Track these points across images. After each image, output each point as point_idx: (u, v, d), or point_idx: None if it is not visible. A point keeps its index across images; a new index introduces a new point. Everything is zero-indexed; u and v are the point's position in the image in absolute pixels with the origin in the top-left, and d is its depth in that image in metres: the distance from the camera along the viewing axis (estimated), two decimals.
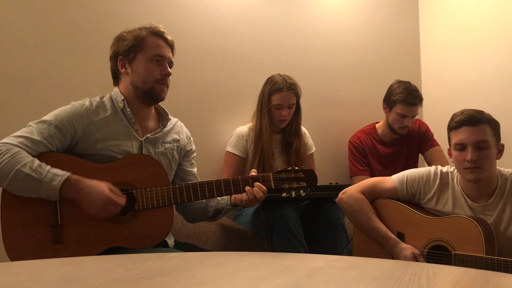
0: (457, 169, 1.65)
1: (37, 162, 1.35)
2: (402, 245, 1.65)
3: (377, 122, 2.81)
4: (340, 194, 1.83)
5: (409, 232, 1.69)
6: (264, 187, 1.54)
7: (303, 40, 2.84)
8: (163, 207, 1.46)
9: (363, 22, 3.12)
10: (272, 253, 1.09)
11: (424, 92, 2.98)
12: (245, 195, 1.52)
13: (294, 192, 1.57)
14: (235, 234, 2.17)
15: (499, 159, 1.62)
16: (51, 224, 1.38)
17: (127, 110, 1.54)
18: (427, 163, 2.73)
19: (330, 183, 2.10)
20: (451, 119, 1.65)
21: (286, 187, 1.57)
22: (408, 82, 2.60)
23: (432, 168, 1.75)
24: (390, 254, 1.69)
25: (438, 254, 1.61)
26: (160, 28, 1.57)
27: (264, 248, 2.01)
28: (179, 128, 1.71)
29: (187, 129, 1.76)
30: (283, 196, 1.58)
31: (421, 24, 3.39)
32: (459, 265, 1.51)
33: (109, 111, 1.53)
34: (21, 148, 1.37)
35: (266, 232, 2.02)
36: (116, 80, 1.61)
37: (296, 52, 2.80)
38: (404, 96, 2.53)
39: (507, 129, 1.87)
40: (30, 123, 1.45)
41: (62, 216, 1.38)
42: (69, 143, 1.46)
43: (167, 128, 1.65)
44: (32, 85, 1.98)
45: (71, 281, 0.77)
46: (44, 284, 0.75)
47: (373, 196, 1.79)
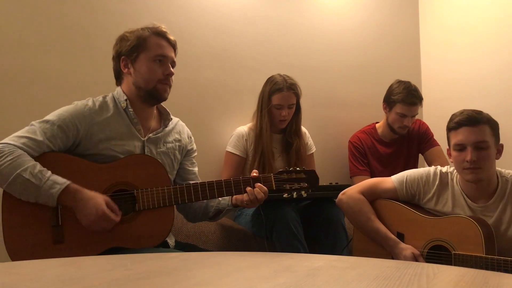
0: (457, 170, 1.66)
1: (38, 168, 1.35)
2: (402, 246, 1.65)
3: (377, 122, 2.81)
4: (340, 195, 1.83)
5: (409, 233, 1.69)
6: (265, 188, 1.54)
7: (303, 40, 2.84)
8: (164, 208, 1.47)
9: (363, 22, 3.12)
10: (272, 253, 1.09)
11: (424, 92, 2.98)
12: (246, 196, 1.52)
13: (296, 193, 1.57)
14: (235, 234, 2.17)
15: (499, 159, 1.62)
16: (52, 224, 1.38)
17: (130, 110, 1.55)
18: (427, 163, 2.73)
19: (330, 183, 2.10)
20: (450, 120, 1.65)
21: (288, 188, 1.57)
22: (408, 82, 2.60)
23: (432, 169, 1.75)
24: (390, 255, 1.69)
25: (438, 254, 1.61)
26: (163, 28, 1.57)
27: (264, 248, 2.01)
28: (180, 128, 1.71)
29: (188, 129, 1.76)
30: (284, 197, 1.58)
31: (421, 24, 3.39)
32: (459, 265, 1.51)
33: (112, 111, 1.53)
34: (24, 150, 1.37)
35: (266, 232, 2.02)
36: (119, 80, 1.61)
37: (296, 52, 2.80)
38: (404, 96, 2.54)
39: (507, 129, 1.87)
40: (33, 122, 1.45)
41: (63, 216, 1.38)
42: (72, 143, 1.46)
43: (169, 128, 1.65)
44: (32, 85, 1.98)
45: (71, 281, 0.77)
46: (44, 284, 0.75)
47: (373, 197, 1.79)
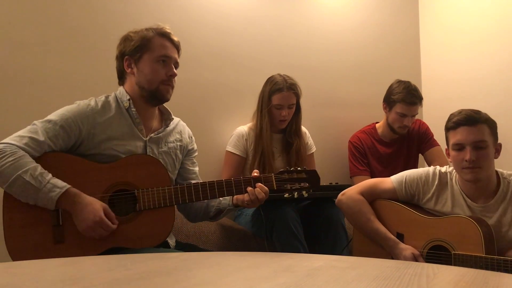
0: (456, 169, 1.65)
1: (39, 170, 1.35)
2: (402, 246, 1.65)
3: (377, 122, 2.81)
4: (339, 196, 1.83)
5: (409, 233, 1.69)
6: (266, 188, 1.53)
7: (303, 40, 2.84)
8: (165, 208, 1.47)
9: (363, 22, 3.12)
10: (272, 253, 1.09)
11: (424, 92, 2.97)
12: (247, 196, 1.52)
13: (297, 193, 1.57)
14: (235, 234, 2.17)
15: (497, 159, 1.62)
16: (53, 224, 1.38)
17: (132, 110, 1.54)
18: (427, 163, 2.73)
19: (330, 183, 2.10)
20: (449, 119, 1.65)
21: (288, 188, 1.57)
22: (408, 82, 2.60)
23: (431, 169, 1.75)
24: (390, 255, 1.69)
25: (438, 254, 1.61)
26: (167, 29, 1.57)
27: (264, 248, 2.01)
28: (181, 128, 1.71)
29: (189, 129, 1.76)
30: (285, 197, 1.57)
31: (421, 24, 3.39)
32: (459, 265, 1.51)
33: (114, 111, 1.53)
34: (26, 151, 1.37)
35: (266, 232, 2.02)
36: (122, 80, 1.61)
37: (296, 52, 2.80)
38: (404, 96, 2.54)
39: (507, 129, 1.87)
40: (35, 122, 1.44)
41: (64, 216, 1.38)
42: (74, 143, 1.46)
43: (170, 128, 1.65)
44: (32, 85, 1.98)
45: (71, 281, 0.77)
46: (44, 284, 0.76)
47: (372, 197, 1.79)
